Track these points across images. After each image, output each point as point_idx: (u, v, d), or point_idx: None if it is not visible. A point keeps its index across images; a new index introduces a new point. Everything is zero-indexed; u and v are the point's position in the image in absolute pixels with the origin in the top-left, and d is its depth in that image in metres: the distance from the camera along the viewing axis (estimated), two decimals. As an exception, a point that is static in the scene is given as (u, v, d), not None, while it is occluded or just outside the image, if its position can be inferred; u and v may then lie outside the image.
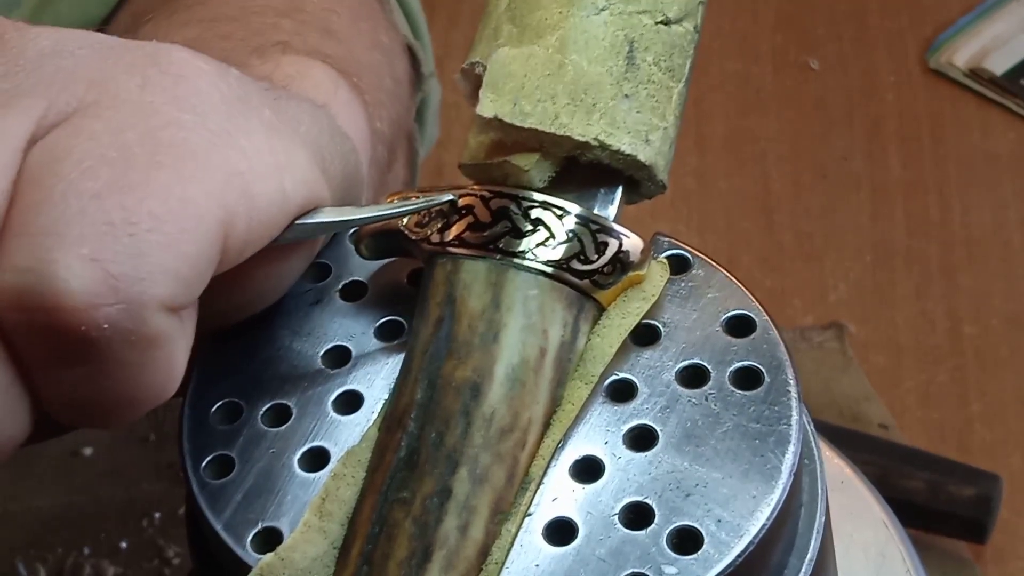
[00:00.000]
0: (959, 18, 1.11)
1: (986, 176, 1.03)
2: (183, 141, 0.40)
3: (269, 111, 0.43)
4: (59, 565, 0.73)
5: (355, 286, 0.47)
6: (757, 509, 0.41)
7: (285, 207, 0.42)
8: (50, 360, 0.39)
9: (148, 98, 0.40)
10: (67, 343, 0.38)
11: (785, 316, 0.95)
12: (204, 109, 0.41)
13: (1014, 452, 0.89)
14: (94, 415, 0.41)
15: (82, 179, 0.38)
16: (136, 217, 0.38)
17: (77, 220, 0.38)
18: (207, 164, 0.40)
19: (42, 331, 0.38)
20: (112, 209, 0.38)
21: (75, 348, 0.39)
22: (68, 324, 0.38)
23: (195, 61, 0.42)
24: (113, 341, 0.39)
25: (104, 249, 0.38)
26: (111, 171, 0.39)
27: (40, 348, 0.39)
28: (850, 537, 0.54)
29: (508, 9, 0.46)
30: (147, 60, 0.41)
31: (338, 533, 0.41)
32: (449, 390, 0.42)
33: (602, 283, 0.44)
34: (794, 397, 0.43)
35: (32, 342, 0.39)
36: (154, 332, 0.39)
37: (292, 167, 0.42)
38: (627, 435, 0.43)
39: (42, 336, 0.38)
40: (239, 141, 0.41)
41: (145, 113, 0.40)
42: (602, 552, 0.40)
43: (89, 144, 0.39)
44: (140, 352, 0.39)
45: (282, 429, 0.44)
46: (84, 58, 0.41)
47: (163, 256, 0.38)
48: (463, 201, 0.45)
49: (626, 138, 0.44)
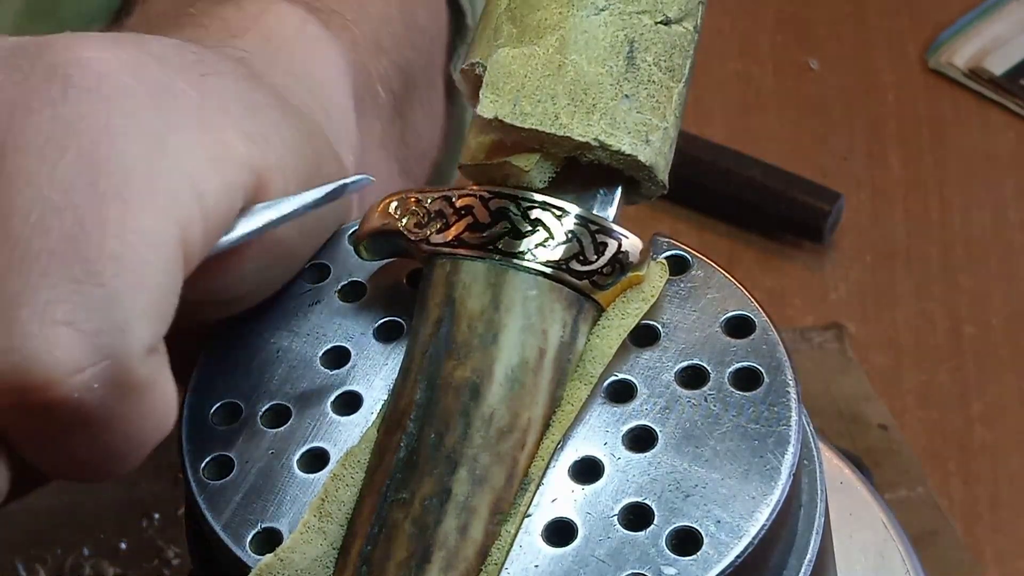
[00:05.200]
0: (959, 18, 1.11)
1: (986, 176, 1.03)
2: (120, 157, 0.38)
3: (196, 92, 0.41)
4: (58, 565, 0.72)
5: (354, 287, 0.47)
6: (756, 510, 0.41)
7: (232, 195, 0.41)
8: (43, 434, 0.38)
9: (72, 109, 0.39)
10: (58, 415, 0.37)
11: (785, 316, 0.95)
12: (130, 108, 0.39)
13: (1014, 452, 0.89)
14: (102, 470, 0.40)
15: (35, 236, 0.37)
16: (98, 265, 0.37)
17: (42, 285, 0.37)
18: (150, 180, 0.38)
19: (30, 409, 0.37)
20: (73, 264, 0.37)
21: (67, 417, 0.37)
22: (56, 397, 0.37)
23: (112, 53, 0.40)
24: (104, 399, 0.38)
25: (76, 309, 0.37)
26: (60, 220, 0.37)
27: (29, 425, 0.38)
28: (849, 537, 0.54)
29: (508, 9, 0.46)
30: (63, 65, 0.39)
31: (337, 534, 0.41)
32: (448, 391, 0.42)
33: (601, 284, 0.44)
34: (793, 398, 0.43)
35: (19, 421, 0.38)
36: (143, 377, 0.38)
37: (228, 151, 0.41)
38: (626, 436, 0.43)
39: (30, 414, 0.37)
40: (173, 141, 0.40)
41: (74, 130, 0.38)
42: (601, 553, 0.40)
43: (29, 192, 0.37)
44: (134, 401, 0.38)
45: (281, 430, 0.44)
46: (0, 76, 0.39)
47: (134, 298, 0.37)
48: (463, 202, 0.44)
49: (626, 138, 0.44)
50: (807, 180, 1.01)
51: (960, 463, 0.89)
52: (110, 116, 0.39)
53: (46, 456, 0.39)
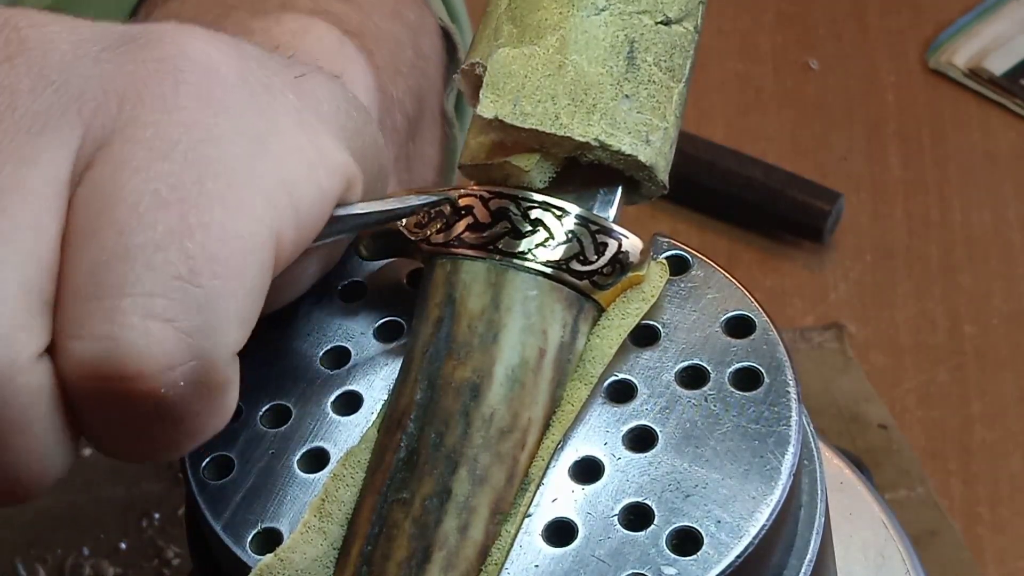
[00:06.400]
0: (959, 18, 1.11)
1: (986, 175, 1.03)
2: (225, 159, 0.39)
3: (293, 95, 0.42)
4: (59, 565, 0.72)
5: (354, 287, 0.47)
6: (756, 510, 0.41)
7: (325, 203, 0.41)
8: (117, 420, 0.39)
9: (183, 104, 0.39)
10: (139, 405, 0.38)
11: (785, 316, 0.95)
12: (236, 108, 0.40)
13: (1014, 452, 0.89)
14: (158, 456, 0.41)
15: (141, 228, 0.37)
16: (200, 265, 0.37)
17: (146, 278, 0.37)
18: (251, 183, 0.39)
19: (115, 397, 0.38)
20: (177, 261, 0.37)
21: (147, 408, 0.38)
22: (145, 390, 0.38)
23: (216, 49, 0.41)
24: (186, 396, 0.38)
25: (175, 306, 0.37)
26: (167, 214, 0.38)
27: (107, 409, 0.38)
28: (849, 537, 0.54)
29: (508, 9, 0.46)
30: (172, 58, 0.40)
31: (338, 534, 0.41)
32: (449, 391, 0.42)
33: (601, 284, 0.44)
34: (794, 398, 0.43)
35: (102, 407, 0.38)
36: (224, 379, 0.39)
37: (324, 158, 0.42)
38: (627, 436, 0.43)
39: (112, 400, 0.38)
40: (274, 144, 0.40)
41: (183, 125, 0.39)
42: (602, 553, 0.40)
43: (137, 180, 0.38)
44: (210, 400, 0.39)
45: (282, 430, 0.44)
46: (109, 64, 0.40)
47: (228, 303, 0.38)
48: (463, 201, 0.44)
49: (627, 138, 0.44)
50: (807, 180, 1.02)
51: (960, 463, 0.89)
52: (217, 115, 0.39)
53: (110, 438, 0.40)
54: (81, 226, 0.38)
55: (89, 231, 0.38)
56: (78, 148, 0.38)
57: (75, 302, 0.37)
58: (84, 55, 0.40)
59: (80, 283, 0.37)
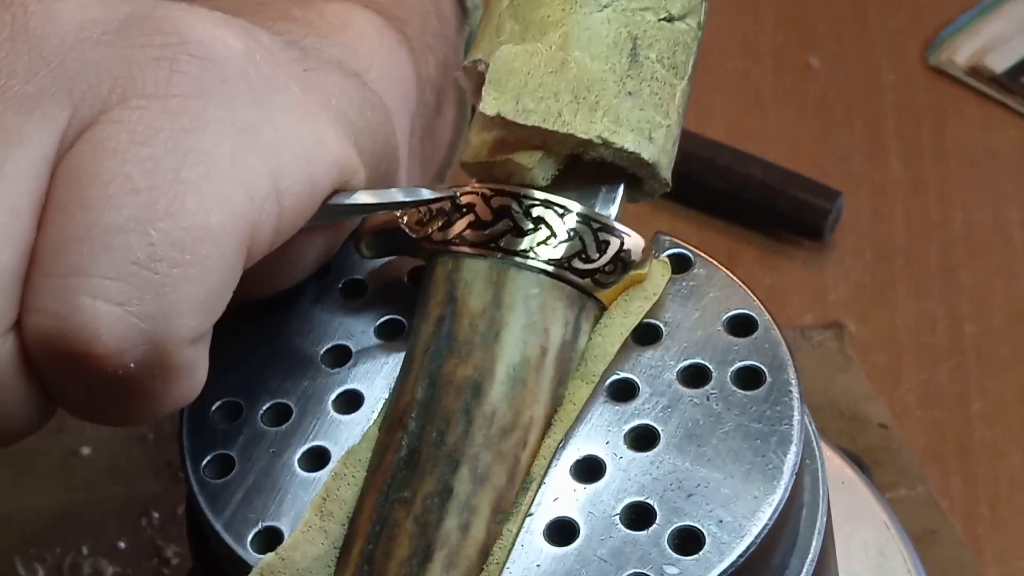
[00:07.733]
0: (959, 16, 1.11)
1: (987, 174, 1.03)
2: (207, 149, 0.39)
3: (298, 88, 0.42)
4: (58, 564, 0.72)
5: (355, 285, 0.47)
6: (758, 510, 0.41)
7: (313, 197, 0.42)
8: (76, 386, 0.39)
9: (174, 92, 0.39)
10: (96, 380, 0.39)
11: (785, 316, 0.95)
12: (230, 98, 0.40)
13: (1014, 452, 0.89)
14: (121, 422, 0.41)
15: (108, 210, 0.38)
16: (161, 252, 0.38)
17: (103, 259, 0.38)
18: (232, 176, 0.39)
19: (71, 369, 0.39)
20: (137, 246, 0.38)
21: (101, 381, 0.39)
22: (96, 367, 0.38)
23: (222, 38, 0.41)
24: (140, 377, 0.39)
25: (129, 291, 0.38)
26: (135, 199, 0.38)
27: (66, 376, 0.39)
28: (850, 537, 0.54)
29: (511, 6, 0.46)
30: (173, 45, 0.40)
31: (339, 533, 0.41)
32: (450, 389, 0.42)
33: (603, 282, 0.44)
34: (796, 397, 0.43)
35: (61, 377, 0.39)
36: (180, 364, 0.39)
37: (321, 150, 0.42)
38: (628, 435, 0.42)
39: (71, 373, 0.39)
40: (266, 134, 0.40)
41: (171, 113, 0.39)
42: (603, 552, 0.40)
43: (112, 162, 0.38)
44: (166, 382, 0.39)
45: (282, 428, 0.44)
46: (108, 48, 0.40)
47: (187, 290, 0.38)
48: (464, 199, 0.44)
49: (629, 136, 0.44)
50: (807, 178, 1.01)
51: (960, 463, 0.89)
52: (207, 105, 0.40)
53: (76, 405, 0.40)
54: (55, 202, 0.38)
55: (60, 208, 0.38)
56: (64, 128, 0.39)
57: (37, 276, 0.38)
58: (86, 37, 0.40)
59: (43, 258, 0.38)
